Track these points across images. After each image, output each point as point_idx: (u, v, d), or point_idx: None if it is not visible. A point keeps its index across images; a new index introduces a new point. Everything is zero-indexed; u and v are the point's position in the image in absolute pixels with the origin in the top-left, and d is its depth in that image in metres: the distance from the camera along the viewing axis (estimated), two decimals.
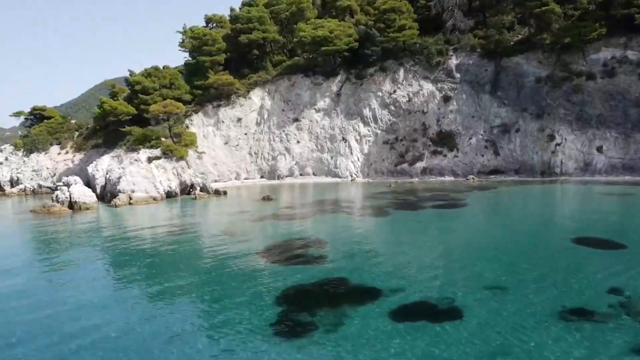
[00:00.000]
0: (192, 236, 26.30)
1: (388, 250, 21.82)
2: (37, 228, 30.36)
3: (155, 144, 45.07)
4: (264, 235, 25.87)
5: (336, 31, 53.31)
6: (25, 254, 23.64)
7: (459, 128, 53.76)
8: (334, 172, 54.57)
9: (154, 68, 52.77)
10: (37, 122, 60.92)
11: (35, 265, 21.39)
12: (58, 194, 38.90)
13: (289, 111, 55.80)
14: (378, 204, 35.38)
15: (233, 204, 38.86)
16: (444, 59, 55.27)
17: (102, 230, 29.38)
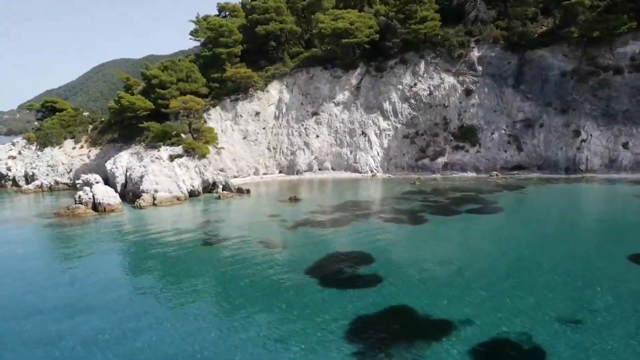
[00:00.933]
0: (231, 247, 25.66)
1: (440, 270, 21.21)
2: (69, 236, 29.66)
3: (177, 142, 44.16)
4: (305, 248, 25.23)
5: (357, 23, 51.94)
6: (75, 270, 22.95)
7: (481, 122, 52.85)
8: (353, 167, 53.81)
9: (171, 61, 51.56)
10: (49, 114, 59.78)
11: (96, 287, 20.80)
12: (81, 194, 38.16)
13: (308, 105, 54.74)
14: (410, 207, 34.75)
15: (260, 205, 38.20)
16: (465, 51, 54.06)
17: (136, 239, 28.67)
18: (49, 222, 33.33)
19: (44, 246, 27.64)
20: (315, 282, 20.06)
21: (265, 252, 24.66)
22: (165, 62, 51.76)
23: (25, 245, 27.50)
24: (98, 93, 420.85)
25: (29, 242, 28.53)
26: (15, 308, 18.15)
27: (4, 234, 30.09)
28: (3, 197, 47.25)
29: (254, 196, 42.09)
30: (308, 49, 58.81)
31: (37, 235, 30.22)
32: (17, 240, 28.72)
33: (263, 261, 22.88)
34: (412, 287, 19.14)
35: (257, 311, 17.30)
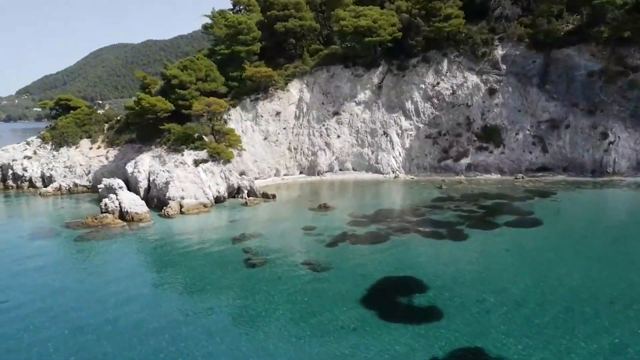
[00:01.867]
0: (274, 270, 25.03)
1: (498, 301, 20.58)
2: (106, 252, 29.00)
3: (200, 146, 43.31)
4: (351, 271, 24.62)
5: (380, 21, 50.72)
6: (129, 296, 22.39)
7: (505, 122, 52.04)
8: (374, 168, 53.09)
9: (190, 60, 50.33)
10: (63, 112, 58.67)
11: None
12: (107, 202, 37.45)
13: (329, 104, 53.77)
14: (445, 218, 34.21)
15: (289, 214, 37.49)
16: (489, 49, 52.98)
17: (175, 257, 28.10)
18: (79, 234, 32.64)
19: (83, 267, 26.76)
20: (374, 316, 19.53)
21: (311, 276, 24.08)
22: (184, 60, 50.58)
23: (65, 266, 26.72)
24: (97, 78, 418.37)
25: (67, 260, 27.79)
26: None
27: (37, 251, 29.26)
28: (22, 200, 46.57)
29: (280, 202, 41.43)
30: (326, 45, 57.58)
31: (72, 251, 29.42)
32: (54, 258, 28.05)
33: (312, 289, 22.29)
34: (477, 323, 18.60)
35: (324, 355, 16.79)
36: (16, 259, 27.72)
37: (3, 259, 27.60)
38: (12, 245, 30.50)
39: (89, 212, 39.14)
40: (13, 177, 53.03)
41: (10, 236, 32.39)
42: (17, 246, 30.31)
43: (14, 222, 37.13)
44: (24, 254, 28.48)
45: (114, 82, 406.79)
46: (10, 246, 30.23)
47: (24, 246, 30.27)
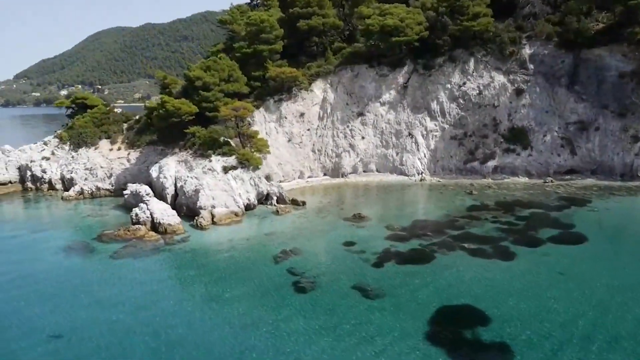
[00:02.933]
0: (326, 296, 24.54)
1: (566, 336, 20.11)
2: (150, 272, 28.44)
3: (228, 152, 42.43)
4: (404, 298, 24.03)
5: (407, 19, 49.45)
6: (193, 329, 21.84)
7: (532, 124, 51.24)
8: (399, 170, 52.37)
9: (213, 60, 49.05)
10: (80, 111, 57.55)
11: None
12: (138, 212, 36.76)
13: (353, 105, 52.76)
14: (486, 231, 33.68)
15: (323, 224, 36.76)
16: (517, 48, 51.88)
17: (217, 277, 27.61)
18: (115, 249, 31.98)
19: (131, 295, 26.04)
20: (442, 356, 19.03)
21: (366, 304, 23.52)
22: (206, 61, 49.33)
23: (109, 293, 25.96)
24: (95, 63, 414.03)
25: (110, 286, 26.91)
26: None
27: (78, 274, 28.32)
28: (45, 205, 45.77)
29: (310, 210, 40.70)
30: (348, 43, 56.27)
31: (113, 273, 28.61)
32: (97, 281, 27.27)
33: (371, 322, 21.67)
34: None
35: None
36: (59, 282, 27.08)
37: (47, 285, 26.78)
38: (51, 265, 29.70)
39: (118, 222, 38.60)
40: (32, 178, 52.19)
41: (47, 255, 31.49)
42: (56, 266, 29.50)
43: (45, 234, 36.25)
44: (67, 278, 27.72)
45: (113, 67, 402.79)
46: (50, 267, 29.45)
47: (63, 267, 29.43)
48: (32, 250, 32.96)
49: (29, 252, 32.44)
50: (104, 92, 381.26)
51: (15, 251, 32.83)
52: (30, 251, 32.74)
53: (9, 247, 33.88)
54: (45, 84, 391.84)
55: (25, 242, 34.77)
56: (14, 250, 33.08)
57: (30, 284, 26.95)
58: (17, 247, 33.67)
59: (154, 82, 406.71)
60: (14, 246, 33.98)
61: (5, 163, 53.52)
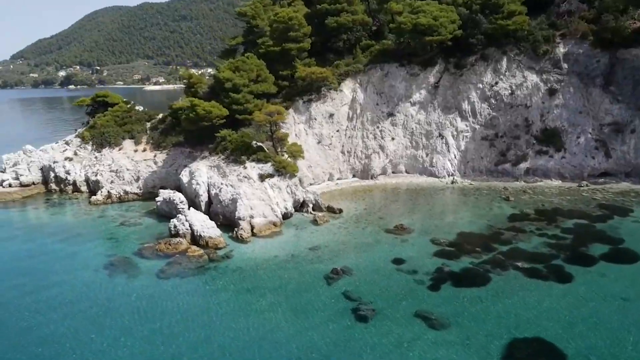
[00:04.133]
0: (386, 322, 24.11)
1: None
2: (197, 293, 27.96)
3: (263, 158, 41.51)
4: (472, 328, 23.54)
5: (441, 18, 48.03)
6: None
7: (565, 125, 50.32)
8: (429, 171, 51.61)
9: (242, 60, 47.68)
10: (102, 109, 56.28)
11: None
12: (176, 224, 36.07)
13: (383, 105, 51.66)
14: (534, 246, 33.16)
15: (366, 237, 36.06)
16: (551, 46, 50.62)
17: (270, 300, 27.11)
18: (159, 266, 31.37)
19: (186, 321, 25.31)
20: None
21: (433, 334, 23.10)
22: (235, 61, 47.90)
23: (166, 319, 25.37)
24: (93, 43, 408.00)
25: (162, 308, 26.35)
26: None
27: (127, 299, 27.55)
28: (73, 210, 44.93)
29: (348, 218, 40.02)
30: (375, 39, 54.80)
31: (161, 293, 28.06)
32: (147, 305, 26.68)
33: (441, 357, 21.29)
34: None
35: None
36: (108, 307, 26.50)
37: (96, 311, 26.19)
38: (95, 286, 29.04)
39: (154, 232, 37.96)
40: (55, 179, 51.32)
41: (88, 273, 30.80)
42: (101, 287, 28.86)
43: (81, 247, 35.54)
44: (115, 302, 27.11)
45: (111, 47, 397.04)
46: (94, 288, 28.81)
47: (110, 289, 28.73)
48: (70, 266, 32.24)
49: (68, 269, 31.70)
50: (103, 74, 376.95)
51: (53, 267, 32.01)
52: (69, 267, 32.00)
53: (45, 261, 33.07)
54: (43, 65, 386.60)
55: (61, 256, 33.97)
56: (52, 266, 32.23)
57: (77, 309, 26.39)
58: (54, 263, 32.87)
59: (153, 64, 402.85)
60: (50, 261, 33.17)
61: (28, 164, 52.62)
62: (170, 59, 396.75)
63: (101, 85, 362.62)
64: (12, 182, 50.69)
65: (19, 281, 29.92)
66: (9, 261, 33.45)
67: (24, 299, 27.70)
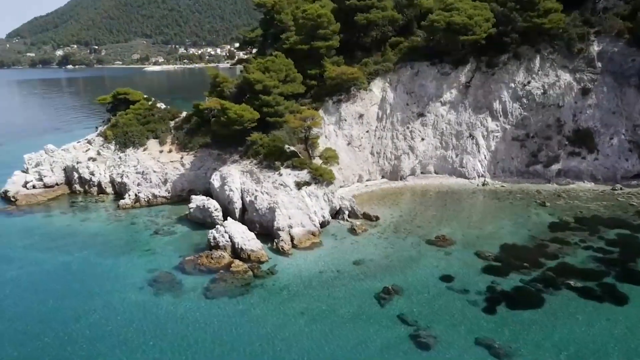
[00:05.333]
0: (449, 351, 23.80)
1: None
2: (250, 317, 27.57)
3: (298, 164, 40.75)
4: (539, 357, 23.38)
5: (476, 16, 46.71)
6: None
7: (597, 125, 49.51)
8: (459, 172, 50.94)
9: (271, 60, 46.40)
10: (123, 107, 55.05)
11: None
12: (216, 235, 35.45)
13: (413, 104, 50.64)
14: (581, 261, 32.77)
15: (408, 249, 35.48)
16: (585, 45, 49.47)
17: (326, 325, 26.72)
18: (204, 283, 30.95)
19: (241, 352, 25.21)
20: None
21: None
22: (264, 61, 46.61)
23: (221, 348, 24.99)
24: (90, 21, 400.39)
25: (214, 333, 25.95)
26: None
27: (176, 319, 27.28)
28: (99, 215, 44.15)
29: (386, 226, 39.46)
30: (404, 35, 53.40)
31: (211, 316, 27.62)
32: (199, 330, 26.23)
33: None
34: None
35: None
36: (161, 334, 26.05)
37: (149, 338, 25.66)
38: (142, 308, 28.52)
39: (191, 242, 37.49)
40: (79, 180, 50.52)
41: (132, 292, 30.26)
42: (148, 309, 28.34)
43: (119, 260, 34.84)
44: (167, 327, 26.58)
45: (109, 26, 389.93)
46: (142, 310, 28.30)
47: (158, 311, 28.19)
48: (113, 284, 31.56)
49: (112, 288, 31.05)
50: (101, 53, 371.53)
51: (95, 286, 31.30)
52: (112, 286, 31.32)
53: (85, 279, 32.47)
54: (40, 44, 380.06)
55: (101, 272, 33.36)
56: (94, 285, 31.53)
57: (129, 337, 25.85)
58: (95, 280, 32.20)
59: (152, 42, 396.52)
60: (90, 278, 32.54)
61: (50, 164, 51.69)
62: (169, 37, 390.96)
63: (100, 65, 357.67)
64: (36, 184, 49.80)
65: (64, 303, 29.40)
66: (49, 280, 32.59)
67: (74, 324, 27.18)
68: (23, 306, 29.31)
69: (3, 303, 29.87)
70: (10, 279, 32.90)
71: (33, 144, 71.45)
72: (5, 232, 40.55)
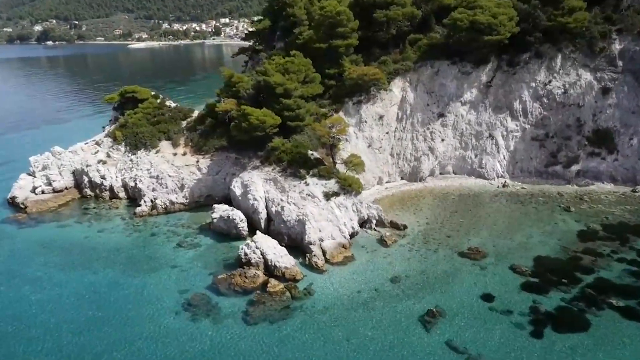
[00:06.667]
0: None
1: None
2: (297, 352, 27.03)
3: (325, 173, 39.76)
4: None
5: (500, 15, 45.47)
6: None
7: (617, 125, 49.22)
8: (477, 172, 50.46)
9: (290, 61, 44.78)
10: (131, 106, 52.98)
11: None
12: (246, 251, 34.56)
13: (433, 105, 49.64)
14: (618, 275, 32.94)
15: (441, 261, 35.18)
16: (607, 43, 48.75)
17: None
18: (240, 305, 30.37)
19: None
20: None
21: None
22: (284, 61, 44.93)
23: None
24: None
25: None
26: None
27: (219, 352, 26.77)
28: (115, 225, 42.64)
29: (415, 236, 38.95)
30: (422, 32, 51.87)
31: (255, 346, 27.08)
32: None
33: None
34: None
35: None
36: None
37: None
38: (184, 340, 27.70)
39: (219, 257, 36.65)
40: (90, 184, 48.81)
41: (170, 320, 29.36)
42: (191, 342, 27.56)
43: (148, 281, 33.74)
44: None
45: (88, 0, 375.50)
46: (185, 343, 27.48)
47: (200, 343, 27.42)
48: (147, 309, 30.66)
49: (144, 313, 30.22)
50: (82, 29, 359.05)
51: (129, 312, 30.36)
52: (143, 310, 30.48)
53: (116, 303, 31.46)
54: (17, 19, 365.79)
55: (131, 294, 32.37)
56: (126, 309, 30.60)
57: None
58: (127, 304, 31.23)
59: (134, 17, 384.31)
60: (122, 301, 31.59)
61: (58, 167, 49.84)
62: (152, 12, 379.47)
63: (81, 41, 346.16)
64: (45, 189, 48.06)
65: (99, 332, 28.46)
66: (78, 304, 31.33)
67: (115, 355, 26.41)
68: (55, 338, 28.24)
69: (32, 332, 28.82)
70: (35, 302, 31.78)
71: (33, 139, 69.48)
72: (21, 247, 39.10)
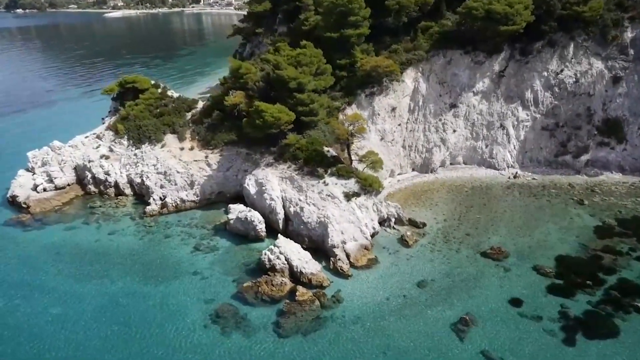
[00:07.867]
0: None
1: None
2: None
3: (345, 173, 38.99)
4: None
5: (516, 4, 44.35)
6: None
7: (626, 114, 49.30)
8: (488, 162, 50.33)
9: (302, 53, 43.14)
10: (131, 96, 50.82)
11: None
12: (270, 257, 34.01)
13: (445, 95, 48.80)
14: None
15: (464, 262, 35.21)
16: (619, 31, 48.23)
17: None
18: (270, 316, 30.07)
19: None
20: None
21: None
22: (295, 53, 43.27)
23: None
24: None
25: None
26: None
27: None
28: (125, 226, 41.34)
29: (435, 236, 38.77)
30: (433, 19, 50.37)
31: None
32: None
33: None
34: None
35: None
36: None
37: None
38: (222, 356, 27.37)
39: (239, 261, 36.09)
40: (93, 180, 47.17)
41: (200, 335, 28.86)
42: (224, 358, 27.25)
43: (170, 290, 32.95)
44: None
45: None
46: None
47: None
48: (171, 321, 30.13)
49: (171, 327, 29.64)
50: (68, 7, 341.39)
51: (151, 326, 29.72)
52: (170, 324, 29.87)
53: (137, 314, 30.82)
54: None
55: (152, 305, 31.65)
56: (149, 323, 29.92)
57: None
58: (149, 316, 30.57)
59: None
60: (143, 314, 30.88)
61: (59, 163, 47.94)
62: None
63: (53, 9, 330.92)
64: (47, 186, 46.30)
65: (132, 349, 27.88)
66: (101, 319, 30.41)
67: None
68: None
69: (59, 354, 27.88)
70: (57, 317, 30.86)
71: (23, 127, 66.74)
72: (31, 253, 37.71)
